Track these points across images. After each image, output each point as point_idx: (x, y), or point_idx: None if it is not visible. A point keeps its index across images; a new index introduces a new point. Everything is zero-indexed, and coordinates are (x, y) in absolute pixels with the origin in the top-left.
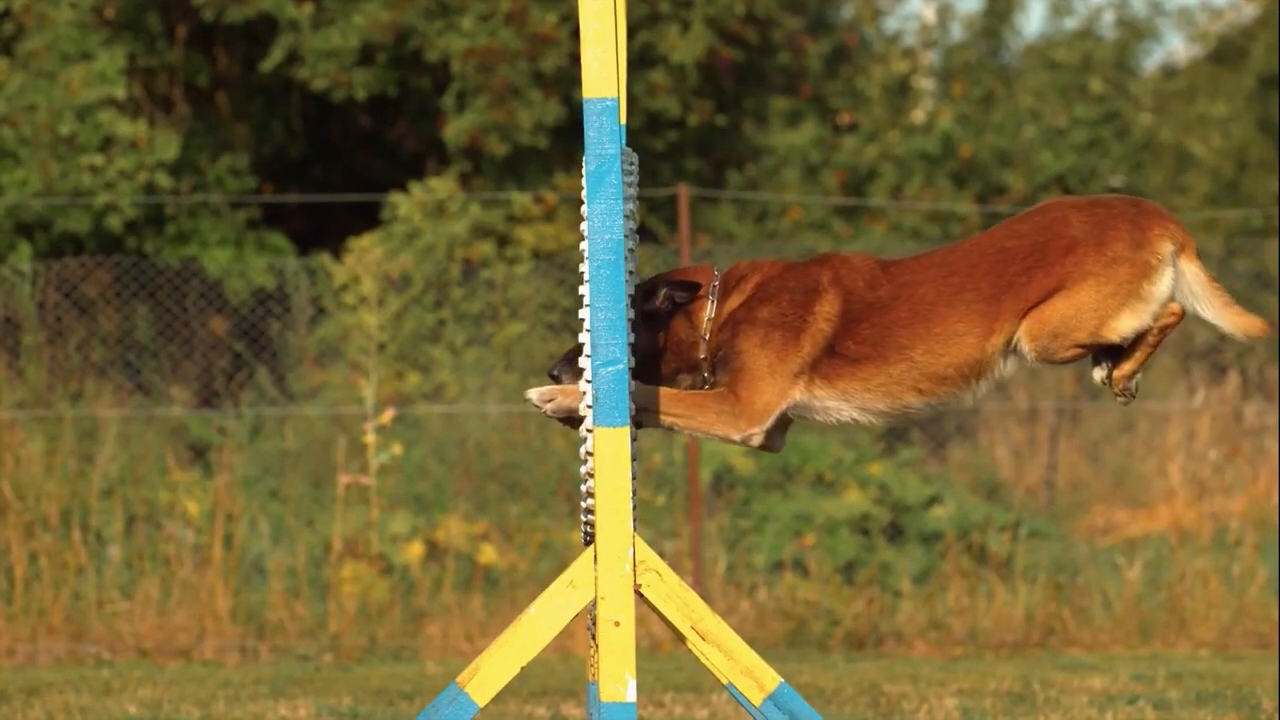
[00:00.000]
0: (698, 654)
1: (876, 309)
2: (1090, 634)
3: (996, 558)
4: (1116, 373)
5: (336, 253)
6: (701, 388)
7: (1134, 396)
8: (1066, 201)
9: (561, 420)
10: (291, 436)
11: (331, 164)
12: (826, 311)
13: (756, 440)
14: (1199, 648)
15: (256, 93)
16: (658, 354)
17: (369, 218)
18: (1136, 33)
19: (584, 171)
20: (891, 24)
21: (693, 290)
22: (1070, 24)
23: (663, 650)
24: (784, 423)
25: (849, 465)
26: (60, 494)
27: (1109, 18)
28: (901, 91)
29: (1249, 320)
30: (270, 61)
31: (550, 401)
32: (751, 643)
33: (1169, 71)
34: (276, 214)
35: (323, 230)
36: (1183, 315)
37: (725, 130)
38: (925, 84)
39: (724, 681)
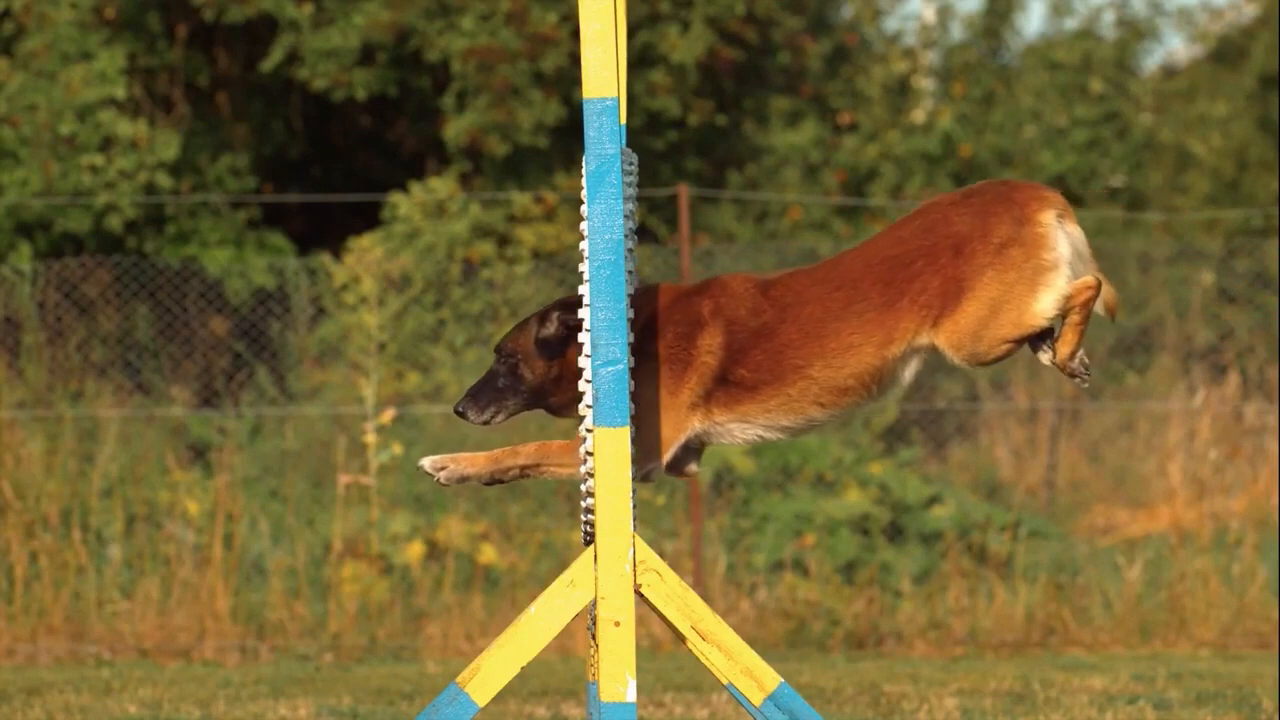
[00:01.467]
0: (698, 654)
1: (765, 334)
2: (1090, 634)
3: (997, 558)
4: (1058, 357)
5: (337, 253)
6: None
7: (1087, 374)
8: (943, 200)
9: (485, 483)
10: (291, 436)
11: (331, 164)
12: (709, 344)
13: (658, 474)
14: (1199, 648)
15: (257, 93)
16: (555, 382)
17: (369, 218)
18: (1137, 33)
19: (584, 171)
20: (891, 24)
21: (573, 307)
22: (1070, 24)
23: (663, 650)
24: (693, 449)
25: (849, 465)
26: (60, 494)
27: (1109, 18)
28: (902, 91)
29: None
30: (270, 61)
31: (443, 470)
32: (752, 643)
33: (1169, 71)
34: (277, 214)
35: (323, 230)
36: (1098, 285)
37: (725, 130)
38: (925, 84)
39: (724, 682)
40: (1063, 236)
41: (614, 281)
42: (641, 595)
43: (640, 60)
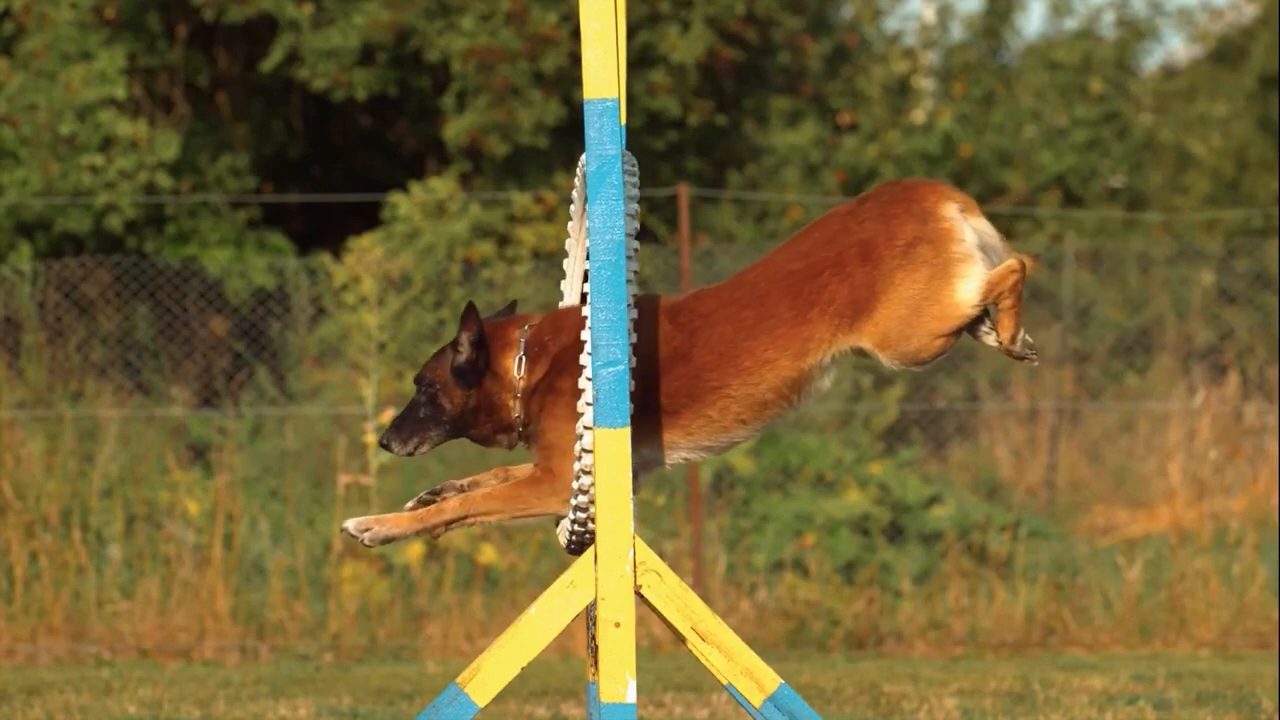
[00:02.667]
0: (698, 655)
1: (678, 360)
2: (1090, 634)
3: (997, 558)
4: (1000, 342)
5: (336, 253)
6: (514, 446)
7: (1034, 354)
8: (839, 210)
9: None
10: (291, 436)
11: (331, 164)
12: None
13: None
14: (1199, 648)
15: (257, 93)
16: (475, 412)
17: (369, 218)
18: (1137, 33)
19: (585, 172)
20: (891, 24)
21: (480, 335)
22: (1070, 24)
23: (663, 650)
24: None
25: (849, 465)
26: (60, 494)
27: (1109, 18)
28: (902, 91)
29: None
30: (270, 61)
31: (367, 531)
32: (752, 643)
33: (1169, 71)
34: (276, 214)
35: (323, 230)
36: (1023, 267)
37: (725, 130)
38: (925, 84)
39: (724, 682)
40: (968, 228)
41: (614, 282)
42: (641, 596)
43: (640, 60)
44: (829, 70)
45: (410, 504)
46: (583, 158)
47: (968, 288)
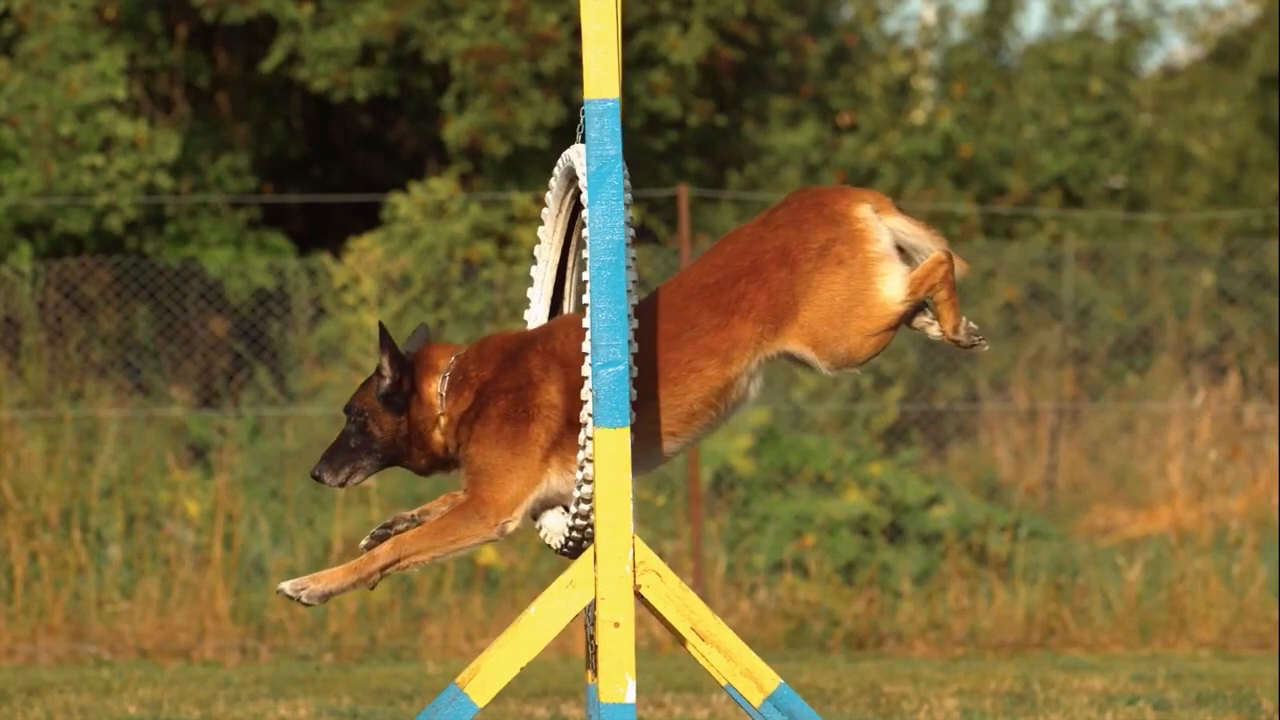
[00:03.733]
0: (697, 655)
1: None
2: (1090, 634)
3: (997, 558)
4: (945, 335)
5: (337, 253)
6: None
7: (981, 339)
8: (751, 223)
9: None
10: (292, 436)
11: (331, 164)
12: (548, 396)
13: (513, 526)
14: (1199, 648)
15: (257, 93)
16: (406, 439)
17: (369, 218)
18: (1137, 33)
19: (585, 173)
20: (892, 24)
21: (398, 355)
22: (1070, 24)
23: (663, 651)
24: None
25: (849, 466)
26: (60, 494)
27: (1109, 18)
28: (902, 92)
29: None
30: (271, 61)
31: (304, 590)
32: (751, 643)
33: (1169, 72)
34: (277, 214)
35: (323, 230)
36: (950, 258)
37: (725, 130)
38: (925, 84)
39: (723, 683)
40: (883, 229)
41: (614, 283)
42: (641, 596)
43: (640, 61)
44: (829, 70)
45: (364, 541)
46: (562, 156)
47: (889, 285)
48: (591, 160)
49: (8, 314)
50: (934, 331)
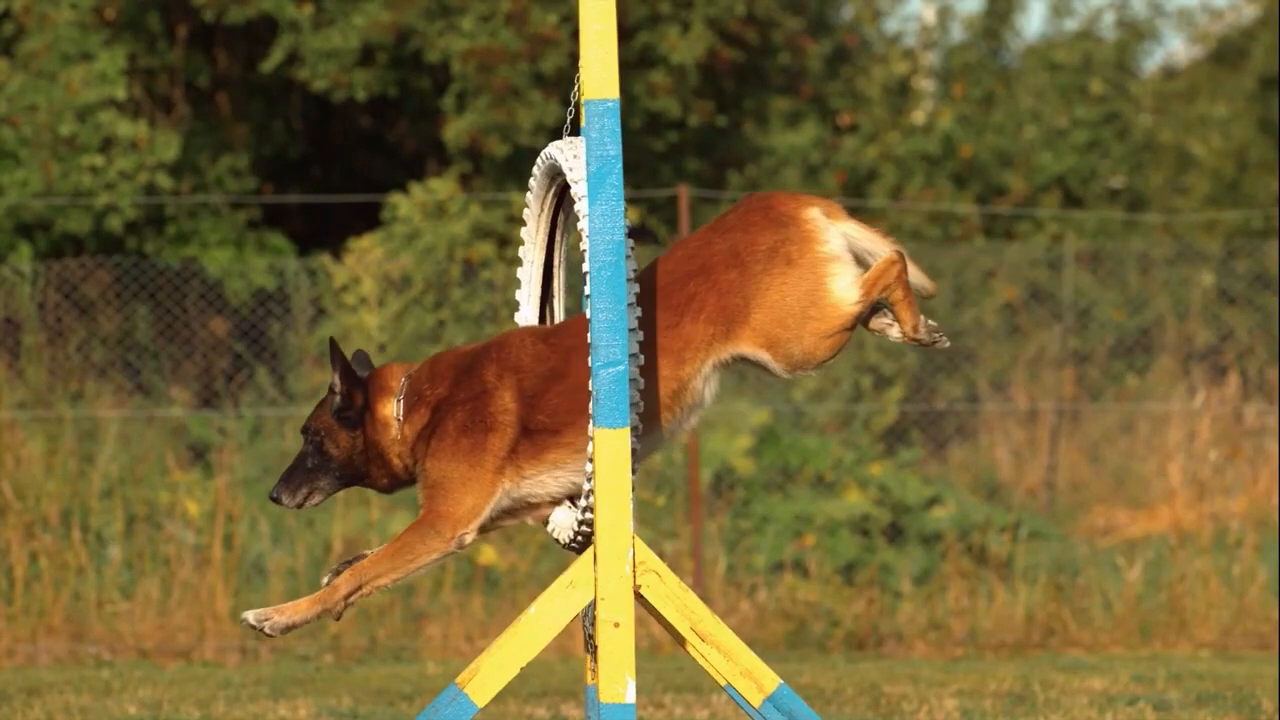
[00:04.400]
0: (697, 655)
1: (555, 378)
2: (1090, 635)
3: (997, 558)
4: (905, 335)
5: (337, 253)
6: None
7: (940, 335)
8: (700, 230)
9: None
10: (292, 437)
11: (331, 164)
12: (503, 404)
13: (470, 538)
14: (1199, 648)
15: (257, 93)
16: (364, 456)
17: (369, 218)
18: (1137, 34)
19: (582, 173)
20: (892, 25)
21: (350, 369)
22: (1070, 25)
23: (663, 651)
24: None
25: (849, 466)
26: (60, 494)
27: (1109, 18)
28: (902, 92)
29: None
30: (271, 62)
31: (268, 621)
32: (751, 643)
33: (1169, 72)
34: (277, 214)
35: (323, 231)
36: (901, 258)
37: (726, 131)
38: (925, 85)
39: (722, 683)
40: (833, 230)
41: (615, 283)
42: (641, 596)
43: (640, 61)
44: (829, 71)
45: (326, 577)
46: (541, 154)
47: (841, 285)
48: (591, 160)
49: (8, 314)
50: (894, 333)
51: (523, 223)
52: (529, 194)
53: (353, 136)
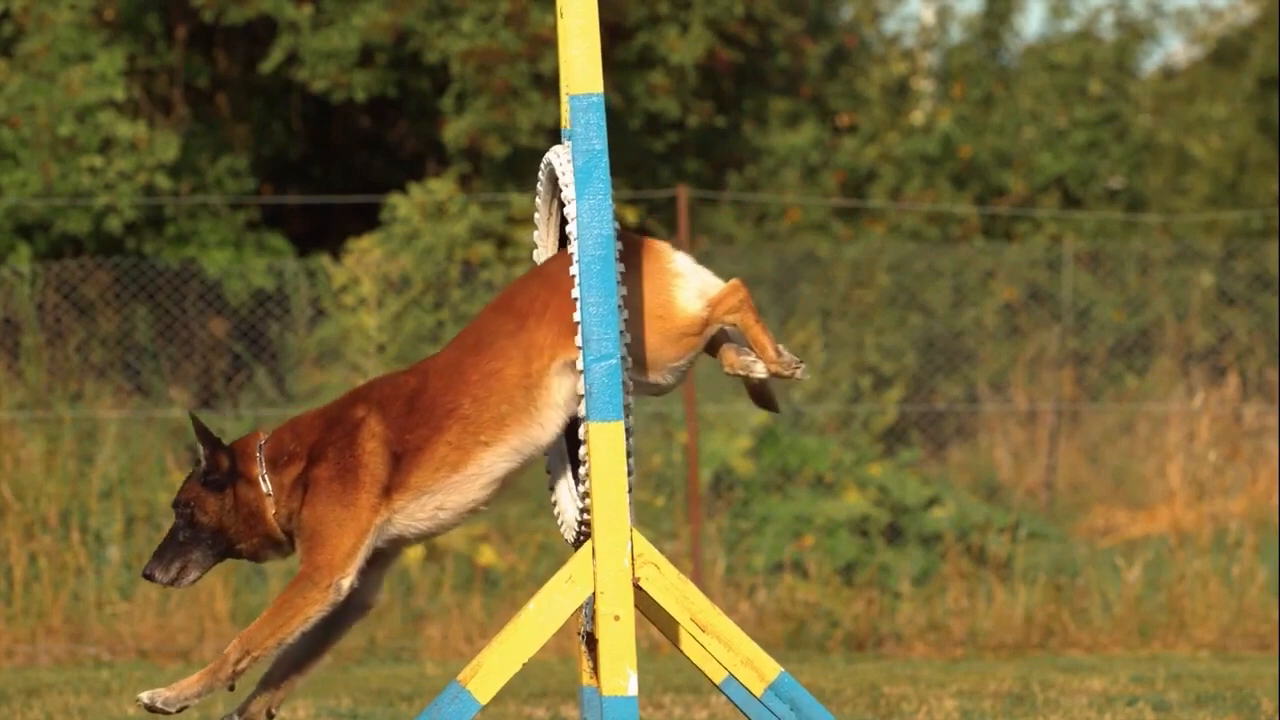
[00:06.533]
0: (697, 646)
1: (415, 396)
2: (1090, 635)
3: (996, 559)
4: (768, 365)
5: (336, 254)
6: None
7: (800, 363)
8: (549, 259)
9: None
10: None
11: (331, 165)
12: (372, 432)
13: (348, 582)
14: (1199, 649)
15: (256, 94)
16: (235, 520)
17: (368, 219)
18: (1136, 34)
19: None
20: (891, 25)
21: (213, 436)
22: (1070, 25)
23: (662, 652)
24: (384, 562)
25: (849, 466)
26: (60, 495)
27: (1108, 19)
28: (901, 93)
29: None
30: (270, 63)
31: (159, 698)
32: None
33: (1168, 73)
34: (276, 215)
35: (322, 231)
36: (743, 286)
37: (725, 131)
38: (925, 85)
39: (723, 675)
40: (683, 256)
41: (604, 276)
42: (640, 588)
43: (640, 61)
44: (828, 72)
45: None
46: (546, 156)
47: (686, 293)
48: (578, 155)
49: (7, 315)
50: (759, 370)
51: (522, 223)
52: (537, 199)
53: (352, 137)
